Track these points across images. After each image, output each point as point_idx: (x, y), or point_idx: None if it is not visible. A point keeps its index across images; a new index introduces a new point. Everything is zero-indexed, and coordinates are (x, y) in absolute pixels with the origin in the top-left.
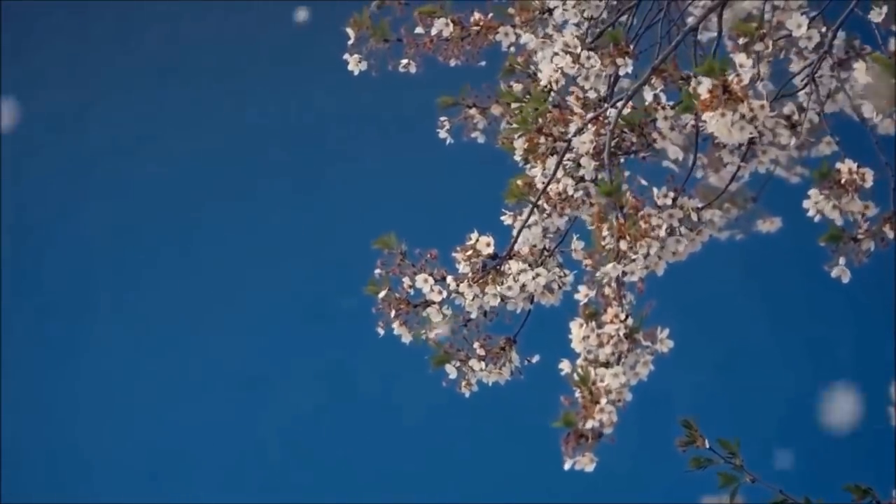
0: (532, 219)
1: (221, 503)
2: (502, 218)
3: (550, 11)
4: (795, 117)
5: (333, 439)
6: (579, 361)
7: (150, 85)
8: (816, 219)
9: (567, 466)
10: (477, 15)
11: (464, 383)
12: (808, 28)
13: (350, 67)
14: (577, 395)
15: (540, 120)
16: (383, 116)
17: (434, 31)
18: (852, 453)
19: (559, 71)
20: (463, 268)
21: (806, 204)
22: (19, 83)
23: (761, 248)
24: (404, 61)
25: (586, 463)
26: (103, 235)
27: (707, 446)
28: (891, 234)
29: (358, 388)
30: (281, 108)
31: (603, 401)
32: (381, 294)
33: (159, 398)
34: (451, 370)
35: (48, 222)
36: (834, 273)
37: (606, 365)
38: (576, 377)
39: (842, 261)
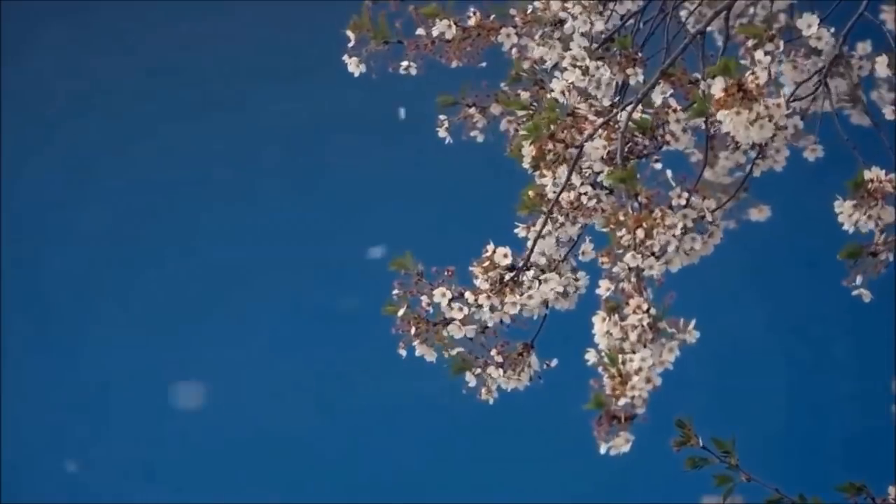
0: (545, 229)
1: (220, 503)
2: (516, 231)
3: (562, 23)
4: (781, 122)
5: (333, 439)
6: (605, 351)
7: (149, 85)
8: (850, 231)
9: (603, 450)
10: (478, 16)
11: (484, 391)
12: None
13: (350, 69)
14: (605, 378)
15: (552, 127)
16: (383, 117)
17: (435, 33)
18: (852, 453)
19: (570, 86)
20: (481, 282)
21: (841, 218)
22: (19, 83)
23: (761, 245)
24: (404, 63)
25: (622, 444)
26: (103, 235)
27: (702, 446)
28: None
29: (358, 388)
30: (280, 109)
31: (634, 378)
32: (400, 313)
33: (158, 398)
34: (470, 378)
35: (48, 222)
36: (855, 293)
37: (633, 353)
38: (605, 360)
39: (859, 280)
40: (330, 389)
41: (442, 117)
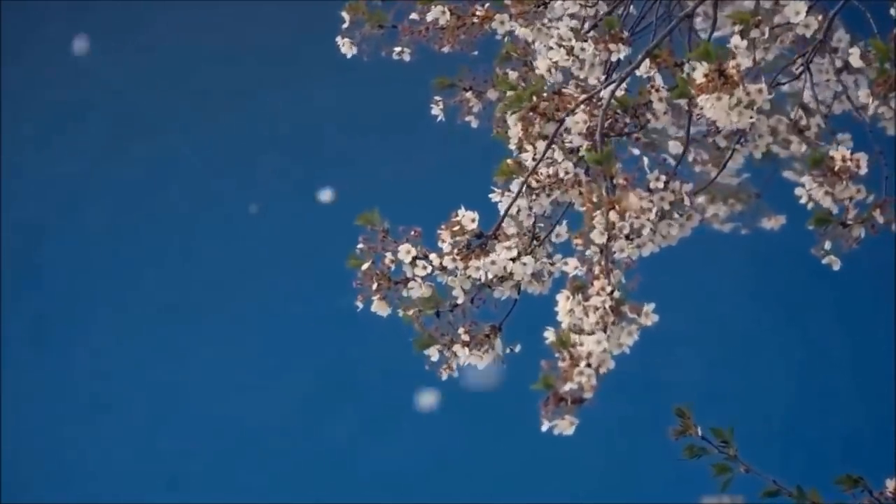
0: (519, 199)
1: (219, 503)
2: (491, 196)
3: (546, 4)
4: (803, 122)
5: (332, 439)
6: (561, 330)
7: (149, 85)
8: (809, 206)
9: (545, 428)
10: (475, 6)
11: (444, 368)
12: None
13: (342, 50)
14: (558, 358)
15: (534, 98)
16: (383, 116)
17: (429, 19)
18: (852, 452)
19: (555, 65)
20: (447, 245)
21: (798, 191)
22: (19, 83)
23: (763, 245)
24: (398, 49)
25: (566, 426)
26: (103, 235)
27: (700, 435)
28: (881, 220)
29: (357, 388)
30: (280, 109)
31: (582, 364)
32: (364, 267)
33: (158, 398)
34: (433, 353)
35: (48, 222)
36: (824, 261)
37: (591, 334)
38: (556, 341)
39: (828, 245)
40: (329, 389)
41: (437, 98)
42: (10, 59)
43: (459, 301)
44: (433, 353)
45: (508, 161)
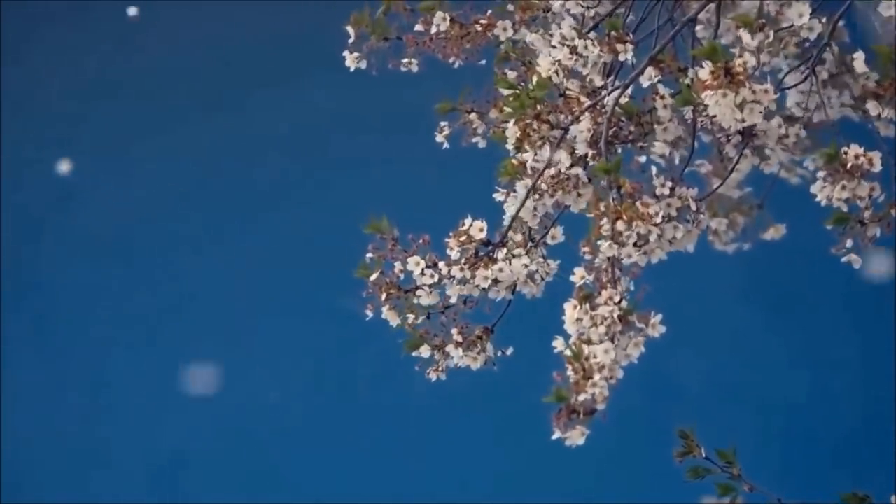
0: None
1: (219, 503)
2: (495, 195)
3: (550, 10)
4: (782, 131)
5: (332, 439)
6: (572, 342)
7: (150, 86)
8: (823, 203)
9: (554, 437)
10: (478, 17)
11: (433, 369)
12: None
13: (348, 64)
14: (569, 371)
15: (539, 106)
16: (384, 117)
17: (434, 29)
18: (852, 454)
19: (557, 64)
20: (455, 254)
21: (814, 189)
22: (19, 83)
23: (763, 247)
24: (405, 60)
25: (577, 437)
26: (103, 236)
27: (704, 456)
28: None
29: (356, 388)
30: (281, 109)
31: (596, 376)
32: (373, 277)
33: (158, 398)
34: (425, 351)
35: (48, 222)
36: (844, 259)
37: (599, 344)
38: (569, 353)
39: (849, 244)
40: (330, 389)
41: (443, 123)
42: (10, 59)
43: (453, 301)
44: (425, 351)
45: (512, 161)
